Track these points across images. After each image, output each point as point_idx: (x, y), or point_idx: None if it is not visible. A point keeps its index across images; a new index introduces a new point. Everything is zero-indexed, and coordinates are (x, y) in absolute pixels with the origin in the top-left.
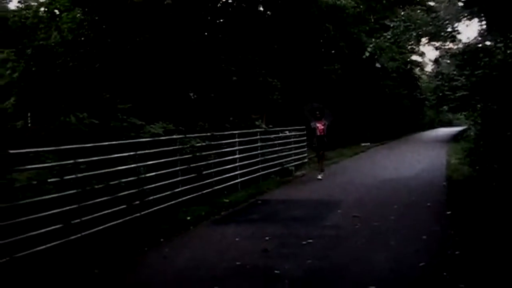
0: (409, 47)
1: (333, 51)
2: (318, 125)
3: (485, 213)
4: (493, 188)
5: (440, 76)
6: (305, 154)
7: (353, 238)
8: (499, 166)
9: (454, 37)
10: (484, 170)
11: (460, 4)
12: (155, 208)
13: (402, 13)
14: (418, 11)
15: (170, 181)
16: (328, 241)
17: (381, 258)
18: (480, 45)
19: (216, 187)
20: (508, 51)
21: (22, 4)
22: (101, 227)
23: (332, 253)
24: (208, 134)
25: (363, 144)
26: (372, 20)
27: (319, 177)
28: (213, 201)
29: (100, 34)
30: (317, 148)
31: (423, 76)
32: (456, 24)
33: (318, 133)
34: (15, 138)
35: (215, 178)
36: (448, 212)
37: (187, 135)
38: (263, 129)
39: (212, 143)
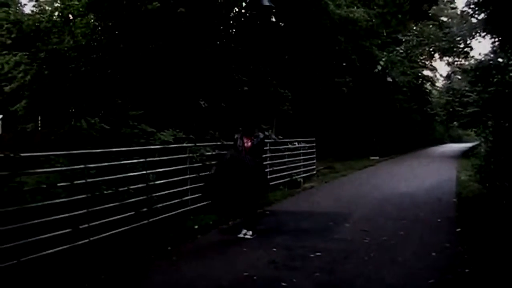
0: (420, 62)
1: (344, 64)
2: (244, 140)
3: (495, 231)
4: (504, 206)
5: (451, 92)
6: (314, 166)
7: (361, 253)
8: (510, 184)
9: (467, 53)
10: (494, 187)
11: (474, 20)
12: (163, 216)
13: (414, 27)
14: (431, 26)
15: (179, 189)
16: (336, 254)
17: (390, 274)
18: (492, 62)
19: None
20: None
21: (37, 8)
22: (109, 233)
23: (340, 267)
24: (218, 143)
25: (372, 158)
26: (384, 34)
27: (241, 235)
28: None
29: (113, 40)
30: None
31: (434, 91)
32: (468, 41)
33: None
34: (25, 141)
35: None
36: (458, 229)
37: (197, 144)
38: (272, 140)
39: (222, 152)
